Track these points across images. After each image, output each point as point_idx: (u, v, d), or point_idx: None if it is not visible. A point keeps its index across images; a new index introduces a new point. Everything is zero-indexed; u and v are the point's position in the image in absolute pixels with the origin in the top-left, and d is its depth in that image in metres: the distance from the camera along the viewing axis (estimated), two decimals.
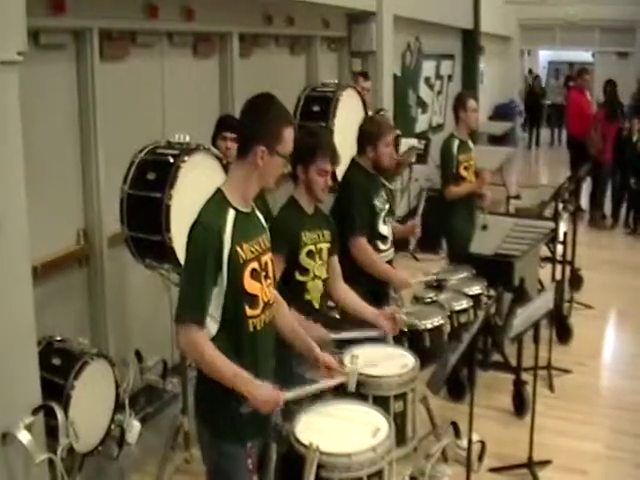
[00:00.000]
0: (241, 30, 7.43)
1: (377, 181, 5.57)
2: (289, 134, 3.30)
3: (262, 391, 3.15)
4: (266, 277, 3.34)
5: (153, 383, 5.95)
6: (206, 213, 3.20)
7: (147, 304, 6.08)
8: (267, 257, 3.38)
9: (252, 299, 3.24)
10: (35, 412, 4.15)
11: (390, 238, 5.60)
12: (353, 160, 5.55)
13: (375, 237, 5.43)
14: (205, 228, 3.15)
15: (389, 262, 5.58)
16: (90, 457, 4.78)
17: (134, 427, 5.25)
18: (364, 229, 5.32)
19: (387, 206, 5.56)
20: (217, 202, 3.23)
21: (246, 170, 3.27)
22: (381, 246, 5.49)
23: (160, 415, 5.94)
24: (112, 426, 4.95)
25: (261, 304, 3.28)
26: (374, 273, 5.30)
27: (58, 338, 4.88)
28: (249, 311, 3.23)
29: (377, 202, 5.45)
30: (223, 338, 3.18)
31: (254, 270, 3.24)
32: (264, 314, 3.31)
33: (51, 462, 4.19)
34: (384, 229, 5.51)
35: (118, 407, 4.99)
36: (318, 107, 6.49)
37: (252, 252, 3.25)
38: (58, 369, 4.62)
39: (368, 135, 5.49)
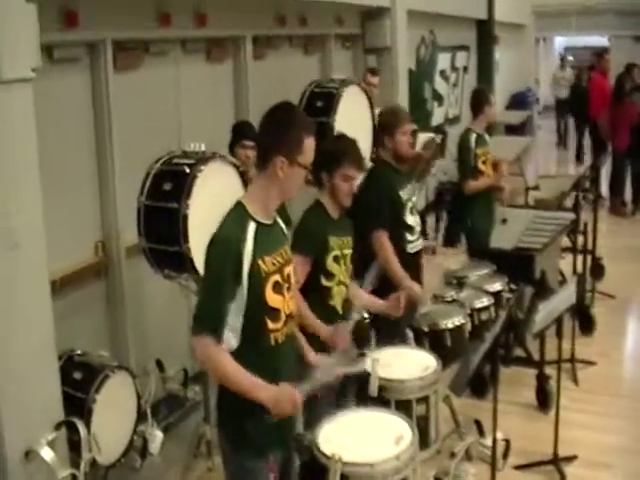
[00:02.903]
0: (254, 33, 7.43)
1: (402, 175, 5.61)
2: (310, 144, 3.26)
3: (280, 397, 3.15)
4: (289, 289, 3.31)
5: (175, 392, 5.98)
6: (226, 226, 3.18)
7: (166, 313, 6.10)
8: (289, 268, 3.35)
9: (274, 312, 3.21)
10: (57, 428, 4.19)
11: (418, 229, 5.60)
12: (377, 156, 5.66)
13: (402, 228, 5.45)
14: (224, 242, 3.12)
15: (418, 252, 5.60)
16: (113, 469, 4.83)
17: (156, 437, 5.29)
18: (386, 223, 5.33)
19: (414, 199, 5.62)
20: (237, 215, 3.20)
21: (266, 181, 3.24)
22: (408, 237, 5.49)
23: (182, 424, 5.97)
24: (134, 437, 4.98)
25: (283, 317, 3.25)
26: (388, 271, 5.24)
27: (78, 352, 4.92)
28: (271, 325, 3.21)
29: (402, 194, 5.48)
30: (244, 352, 3.17)
31: (277, 283, 3.21)
32: (286, 327, 3.28)
33: (74, 477, 4.21)
34: (411, 219, 5.51)
35: (140, 418, 5.03)
36: (321, 103, 6.46)
37: (274, 264, 3.22)
38: (79, 383, 4.67)
39: (385, 125, 5.58)
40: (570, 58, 21.65)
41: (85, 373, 4.72)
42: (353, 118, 6.44)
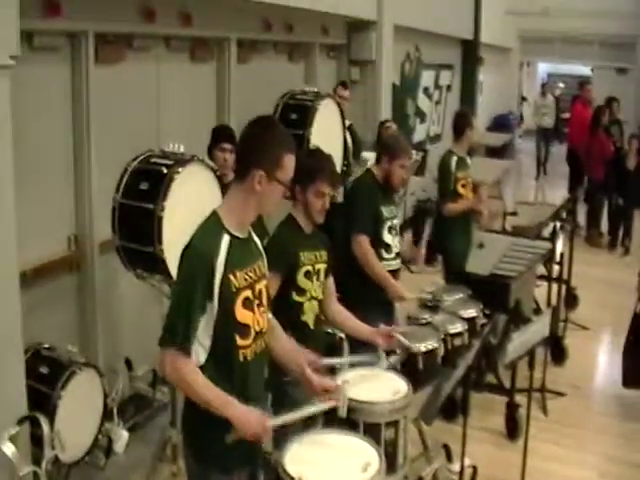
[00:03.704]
0: (239, 36, 7.39)
1: (387, 193, 5.63)
2: (290, 161, 3.19)
3: (249, 418, 3.06)
4: (259, 305, 3.22)
5: (143, 392, 5.93)
6: (199, 237, 3.08)
7: (138, 312, 6.00)
8: (262, 285, 3.26)
9: (243, 329, 3.12)
10: (20, 423, 4.12)
11: (395, 250, 5.59)
12: (369, 169, 5.72)
13: (379, 245, 5.46)
14: (197, 253, 3.03)
15: (394, 272, 5.57)
16: (76, 467, 4.73)
17: (122, 436, 5.23)
18: (367, 228, 5.38)
19: (396, 221, 5.64)
20: (211, 226, 3.11)
21: (244, 195, 3.15)
22: (384, 254, 5.50)
23: (149, 424, 5.88)
24: (99, 436, 4.92)
25: (252, 334, 3.17)
26: (371, 274, 5.34)
27: (46, 346, 4.86)
28: (240, 341, 3.12)
29: (384, 210, 5.49)
30: (212, 367, 3.07)
31: (247, 299, 3.13)
32: (255, 344, 3.19)
33: (36, 474, 4.15)
34: (389, 238, 5.53)
35: (106, 416, 4.96)
36: (296, 115, 6.44)
37: (246, 280, 3.13)
38: (45, 378, 4.60)
39: (389, 148, 5.58)
40: (561, 85, 21.52)
41: (52, 368, 4.66)
42: (327, 131, 6.46)
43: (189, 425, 3.27)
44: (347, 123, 7.27)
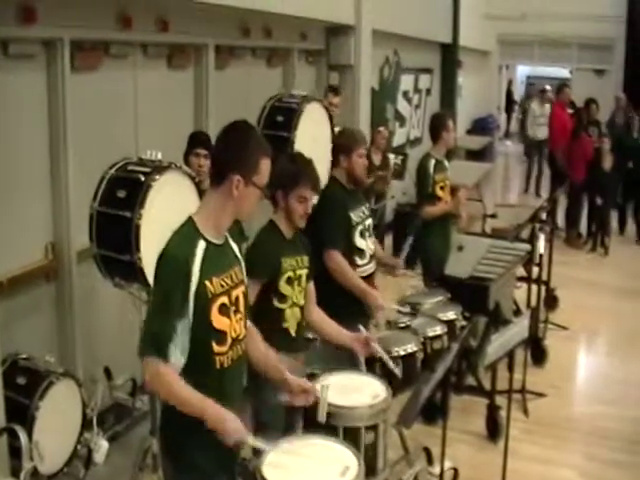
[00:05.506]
0: (217, 42, 7.34)
1: (355, 195, 5.53)
2: (266, 165, 3.21)
3: (231, 425, 3.04)
4: (236, 312, 3.22)
5: (122, 401, 5.87)
6: (174, 243, 3.08)
7: (117, 320, 5.94)
8: (239, 291, 3.25)
9: (220, 335, 3.12)
10: None
11: (369, 253, 5.49)
12: (331, 176, 5.53)
13: (351, 251, 5.35)
14: (172, 260, 3.03)
15: (369, 276, 5.50)
16: (55, 478, 4.70)
17: (102, 446, 5.19)
18: (338, 242, 5.24)
19: (368, 222, 5.52)
20: (187, 232, 3.11)
21: (220, 199, 3.16)
22: (358, 261, 5.39)
23: (129, 433, 5.85)
24: (79, 446, 4.89)
25: (229, 340, 3.16)
26: (348, 287, 5.21)
27: (24, 356, 4.84)
28: (216, 347, 3.11)
29: (353, 215, 5.38)
30: (189, 373, 3.06)
31: (223, 305, 3.12)
32: (232, 351, 3.19)
33: None
34: (362, 243, 5.42)
35: (85, 426, 4.92)
36: (281, 117, 6.39)
37: (222, 286, 3.13)
38: (23, 389, 4.59)
39: (341, 146, 5.51)
40: (548, 87, 20.05)
41: (29, 378, 4.64)
42: (313, 135, 6.36)
43: (166, 432, 3.27)
44: (337, 130, 7.23)
